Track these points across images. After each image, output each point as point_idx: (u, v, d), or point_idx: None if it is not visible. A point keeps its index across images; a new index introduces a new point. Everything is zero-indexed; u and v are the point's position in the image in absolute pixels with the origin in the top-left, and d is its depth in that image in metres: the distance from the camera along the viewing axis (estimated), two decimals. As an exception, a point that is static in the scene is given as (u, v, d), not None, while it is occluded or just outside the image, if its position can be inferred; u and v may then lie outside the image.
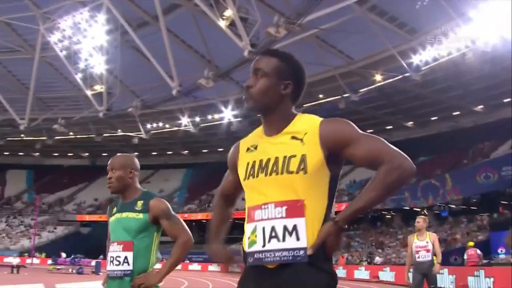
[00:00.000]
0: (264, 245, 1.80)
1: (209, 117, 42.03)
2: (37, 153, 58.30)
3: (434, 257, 8.07)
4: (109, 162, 3.15)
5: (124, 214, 3.07)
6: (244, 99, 1.94)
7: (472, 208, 35.52)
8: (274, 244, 1.78)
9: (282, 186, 1.81)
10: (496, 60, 27.90)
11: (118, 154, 3.26)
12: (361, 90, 35.41)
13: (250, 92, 1.91)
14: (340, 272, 27.98)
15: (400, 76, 32.54)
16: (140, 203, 3.04)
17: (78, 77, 38.02)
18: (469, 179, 32.05)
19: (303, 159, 1.80)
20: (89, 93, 37.95)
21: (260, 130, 1.99)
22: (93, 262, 32.14)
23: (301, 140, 1.83)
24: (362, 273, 25.99)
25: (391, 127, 45.53)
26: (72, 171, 59.98)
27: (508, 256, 21.34)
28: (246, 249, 1.86)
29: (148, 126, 44.42)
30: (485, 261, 18.21)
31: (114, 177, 3.08)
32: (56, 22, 37.42)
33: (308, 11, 22.33)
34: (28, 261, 35.40)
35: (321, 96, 37.48)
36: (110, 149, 56.03)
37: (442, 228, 32.52)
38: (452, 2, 27.43)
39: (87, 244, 41.75)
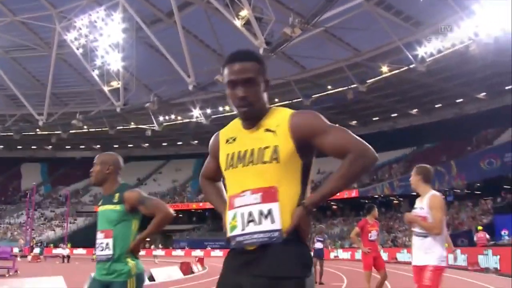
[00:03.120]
0: (243, 229, 1.95)
1: (220, 108, 43.37)
2: (50, 146, 59.80)
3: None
4: (95, 159, 3.59)
5: (105, 207, 3.41)
6: (241, 109, 2.01)
7: (476, 192, 36.97)
8: (252, 228, 1.93)
9: (258, 175, 1.96)
10: (498, 51, 29.09)
11: (104, 152, 3.68)
12: (368, 81, 36.60)
13: (248, 102, 1.99)
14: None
15: (406, 68, 33.83)
16: (117, 195, 3.38)
17: (95, 73, 39.28)
18: (473, 165, 33.52)
19: (275, 150, 1.94)
20: (106, 89, 39.24)
21: (238, 123, 2.11)
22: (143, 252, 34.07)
23: (274, 132, 1.97)
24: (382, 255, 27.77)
25: (396, 114, 46.85)
26: (85, 163, 61.12)
27: (510, 238, 23.10)
28: (228, 234, 2.01)
29: (161, 118, 45.63)
30: (491, 243, 19.98)
31: (94, 171, 3.50)
32: (72, 21, 38.63)
33: (323, 12, 23.56)
34: (56, 251, 37.15)
35: (329, 87, 38.75)
36: (122, 140, 57.60)
37: (448, 213, 34.03)
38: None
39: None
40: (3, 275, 15.37)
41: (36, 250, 32.67)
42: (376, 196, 40.83)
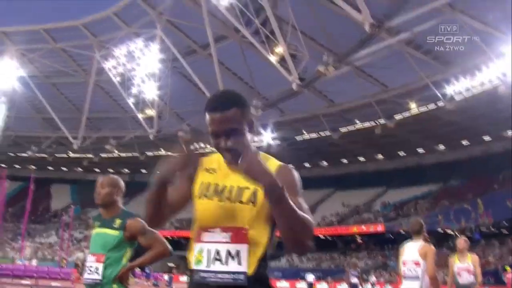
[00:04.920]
0: (208, 266, 1.90)
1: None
2: (80, 169, 61.31)
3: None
4: (99, 180, 3.53)
5: (104, 230, 3.38)
6: (227, 156, 1.97)
7: (503, 231, 36.83)
8: (217, 266, 1.89)
9: (231, 213, 1.91)
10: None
11: (109, 175, 3.68)
12: (396, 117, 37.20)
13: (234, 152, 1.89)
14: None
15: (434, 106, 34.39)
16: (118, 221, 3.36)
17: (131, 101, 40.75)
18: (500, 204, 33.61)
19: (254, 192, 1.90)
20: (140, 116, 40.64)
21: (221, 155, 2.03)
22: (166, 276, 34.95)
23: None
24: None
25: (422, 150, 47.08)
26: (113, 187, 62.33)
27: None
28: (192, 266, 1.96)
29: (191, 146, 46.61)
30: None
31: (103, 193, 3.45)
32: (111, 50, 40.33)
33: (355, 51, 24.48)
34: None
35: (357, 122, 39.43)
36: (150, 166, 58.72)
37: (474, 251, 33.84)
38: (485, 37, 29.18)
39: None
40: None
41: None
42: (402, 232, 40.78)
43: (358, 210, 46.24)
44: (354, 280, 13.34)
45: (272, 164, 1.98)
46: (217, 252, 1.90)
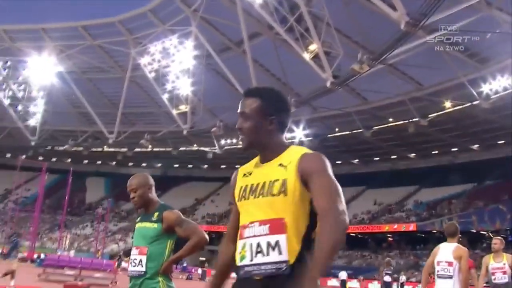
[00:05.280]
0: (251, 260, 1.99)
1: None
2: (114, 162, 62.64)
3: None
4: (128, 184, 3.58)
5: (144, 224, 3.50)
6: (240, 139, 2.18)
7: (539, 233, 36.10)
8: (259, 259, 1.97)
9: (266, 206, 2.00)
10: None
11: (135, 174, 3.70)
12: (430, 116, 36.79)
13: (242, 134, 2.12)
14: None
15: (469, 104, 33.87)
16: (156, 214, 3.46)
17: (165, 97, 41.43)
18: (537, 206, 32.99)
19: (284, 183, 1.99)
20: (174, 112, 41.30)
21: (257, 159, 2.19)
22: (199, 270, 35.52)
23: (285, 167, 2.02)
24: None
25: (456, 149, 46.40)
26: (147, 181, 63.37)
27: None
28: (238, 263, 2.05)
29: (222, 141, 47.14)
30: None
31: (137, 196, 3.54)
32: (146, 47, 41.05)
33: (391, 50, 24.36)
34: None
35: (390, 119, 39.16)
36: (182, 161, 59.56)
37: (509, 253, 33.36)
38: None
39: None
40: (107, 285, 17.05)
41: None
42: (434, 231, 40.36)
43: (390, 209, 45.93)
44: (387, 278, 13.40)
45: (296, 153, 2.06)
46: (258, 245, 1.98)
